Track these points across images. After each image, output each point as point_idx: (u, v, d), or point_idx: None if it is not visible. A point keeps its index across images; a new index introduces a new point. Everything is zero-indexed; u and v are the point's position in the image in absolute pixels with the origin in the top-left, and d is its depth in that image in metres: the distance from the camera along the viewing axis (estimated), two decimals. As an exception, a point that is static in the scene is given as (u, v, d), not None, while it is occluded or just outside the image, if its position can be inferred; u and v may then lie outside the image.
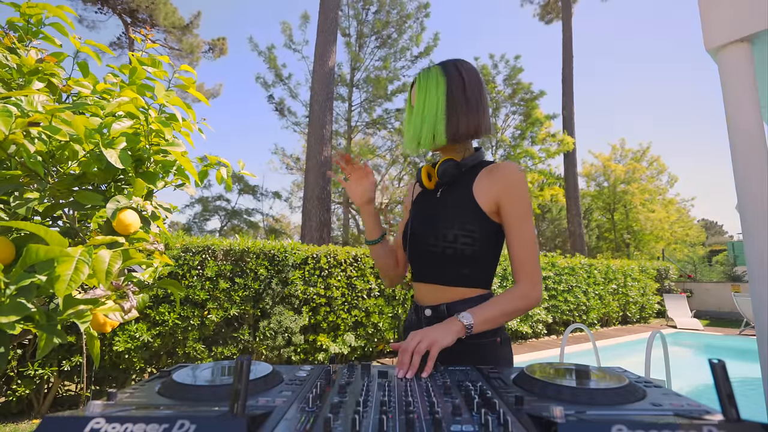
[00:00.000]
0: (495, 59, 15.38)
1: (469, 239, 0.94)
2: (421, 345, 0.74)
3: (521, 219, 0.94)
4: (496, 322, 0.88)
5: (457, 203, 0.99)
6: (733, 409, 0.38)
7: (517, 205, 0.94)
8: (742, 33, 1.19)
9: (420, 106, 1.00)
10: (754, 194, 1.13)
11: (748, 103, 1.17)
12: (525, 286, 0.91)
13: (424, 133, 0.98)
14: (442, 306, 0.98)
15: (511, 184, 0.95)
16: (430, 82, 0.99)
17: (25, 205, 0.90)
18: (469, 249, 0.94)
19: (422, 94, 1.00)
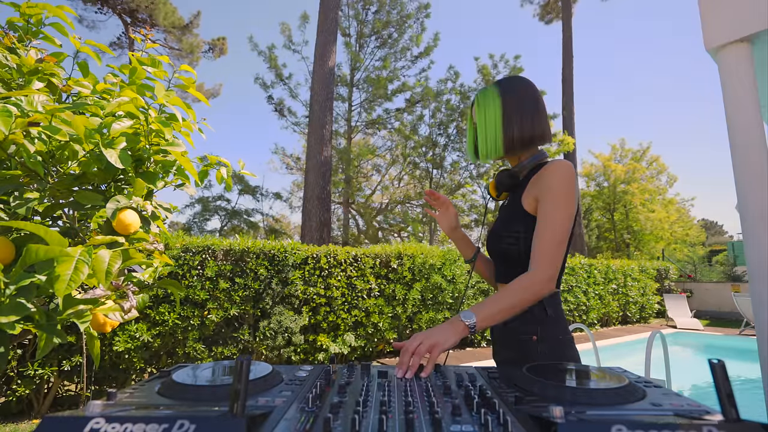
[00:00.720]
0: (495, 59, 15.37)
1: (513, 239, 1.02)
2: (422, 347, 0.74)
3: (552, 205, 0.95)
4: (501, 316, 0.87)
5: (509, 207, 1.10)
6: (733, 409, 0.38)
7: (546, 194, 0.96)
8: (742, 33, 1.19)
9: (481, 123, 1.10)
10: (754, 194, 1.13)
11: (748, 103, 1.17)
12: (533, 273, 0.91)
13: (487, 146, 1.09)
14: None
15: (545, 179, 0.98)
16: (487, 100, 1.09)
17: (25, 205, 0.90)
18: (514, 248, 1.02)
19: (481, 112, 1.10)
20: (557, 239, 0.92)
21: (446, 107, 14.52)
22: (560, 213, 0.94)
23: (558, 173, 0.96)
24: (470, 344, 6.03)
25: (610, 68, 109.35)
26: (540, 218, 0.96)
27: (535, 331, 0.98)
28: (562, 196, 0.94)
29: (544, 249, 0.92)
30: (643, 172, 18.69)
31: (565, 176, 0.96)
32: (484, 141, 1.09)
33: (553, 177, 0.97)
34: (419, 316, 5.26)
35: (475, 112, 1.12)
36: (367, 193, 16.24)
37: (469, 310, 0.86)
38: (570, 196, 0.95)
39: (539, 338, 0.97)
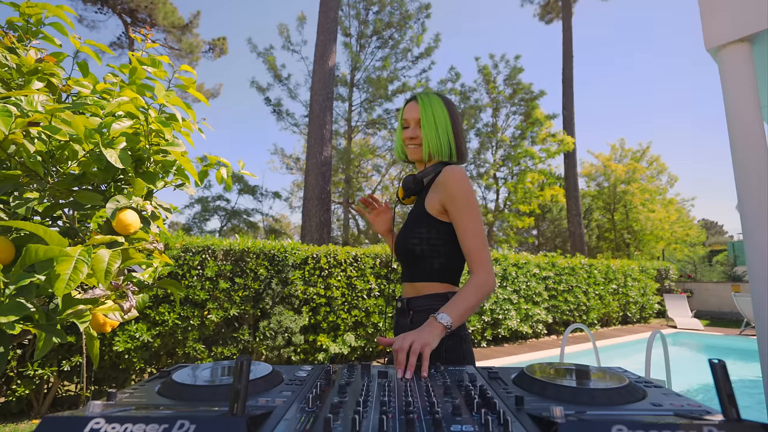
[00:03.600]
0: (495, 59, 15.38)
1: (417, 239, 1.10)
2: (416, 345, 0.78)
3: (463, 213, 1.04)
4: (466, 315, 0.96)
5: (415, 210, 1.17)
6: (734, 409, 0.38)
7: (455, 202, 1.05)
8: (742, 33, 1.19)
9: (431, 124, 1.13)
10: (754, 194, 1.13)
11: (748, 103, 1.17)
12: (480, 275, 1.00)
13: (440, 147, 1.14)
14: (405, 300, 1.15)
15: (448, 185, 1.06)
16: (435, 106, 1.15)
17: (25, 205, 0.90)
18: (418, 248, 1.10)
19: (429, 115, 1.14)
20: (483, 242, 1.04)
21: (446, 107, 14.47)
22: (474, 218, 1.05)
23: (456, 180, 1.06)
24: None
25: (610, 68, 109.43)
26: (460, 228, 1.05)
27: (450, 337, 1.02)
28: (467, 201, 1.05)
29: (478, 254, 1.02)
30: (643, 172, 18.68)
31: (462, 181, 1.06)
32: (437, 141, 1.13)
33: (453, 184, 1.06)
34: (419, 316, 5.25)
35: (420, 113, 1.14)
36: (367, 193, 16.23)
37: (442, 312, 0.93)
38: (472, 199, 1.05)
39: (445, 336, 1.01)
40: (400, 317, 1.17)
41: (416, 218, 1.13)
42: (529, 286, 6.71)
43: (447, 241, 1.09)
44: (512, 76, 15.15)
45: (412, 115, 1.17)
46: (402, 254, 1.16)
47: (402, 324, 1.14)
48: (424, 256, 1.10)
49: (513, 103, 15.39)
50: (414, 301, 1.12)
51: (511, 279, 6.49)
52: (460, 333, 1.07)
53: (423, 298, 1.11)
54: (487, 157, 15.56)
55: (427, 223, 1.10)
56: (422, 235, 1.10)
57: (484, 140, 15.24)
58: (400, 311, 1.18)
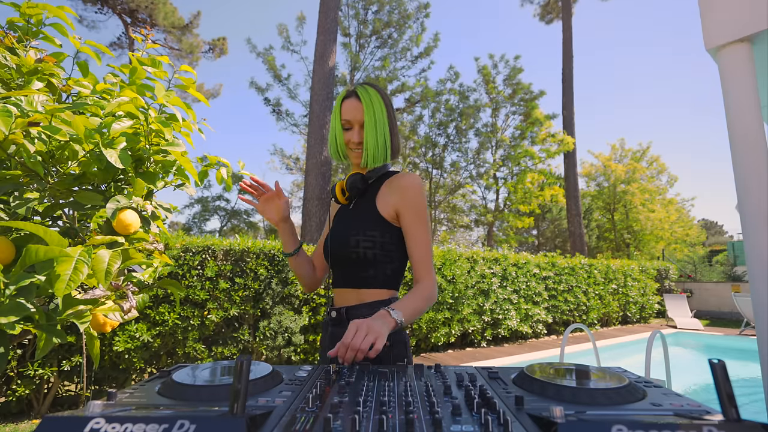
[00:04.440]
0: (495, 59, 15.39)
1: (370, 243, 1.03)
2: (368, 338, 0.78)
3: (416, 223, 1.03)
4: (414, 317, 0.95)
5: (363, 212, 1.09)
6: (733, 409, 0.38)
7: (411, 210, 1.03)
8: (742, 33, 1.19)
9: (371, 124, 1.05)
10: (754, 194, 1.13)
11: (748, 103, 1.17)
12: (426, 283, 1.00)
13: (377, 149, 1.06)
14: (342, 309, 1.06)
15: (405, 193, 1.04)
16: (374, 103, 1.06)
17: (25, 205, 0.90)
18: (370, 252, 1.03)
19: (371, 113, 1.05)
20: (431, 253, 1.04)
21: (446, 107, 14.51)
22: (427, 229, 1.05)
23: (415, 189, 1.04)
24: (470, 344, 6.03)
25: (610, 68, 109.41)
26: (412, 236, 1.03)
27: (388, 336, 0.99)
28: (422, 212, 1.04)
29: (427, 264, 1.02)
30: (643, 172, 18.69)
31: (421, 192, 1.05)
32: (375, 141, 1.05)
33: (411, 192, 1.04)
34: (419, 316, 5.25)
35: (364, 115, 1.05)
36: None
37: (394, 308, 0.91)
38: (426, 210, 1.05)
39: (391, 343, 0.99)
40: (335, 328, 1.06)
41: (367, 220, 1.06)
42: (529, 286, 6.71)
43: (398, 246, 1.06)
44: (512, 76, 15.16)
45: (356, 116, 1.06)
46: (345, 257, 1.05)
47: (338, 335, 1.04)
48: (376, 261, 1.03)
49: (513, 103, 15.40)
50: (354, 311, 1.04)
51: (511, 279, 6.48)
52: (404, 339, 1.03)
53: (364, 307, 1.03)
54: (486, 157, 15.57)
55: (382, 226, 1.04)
56: (376, 238, 1.03)
57: (483, 140, 15.25)
58: (335, 321, 1.07)
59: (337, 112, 1.09)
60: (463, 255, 6.01)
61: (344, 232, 1.07)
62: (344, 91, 1.11)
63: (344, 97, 1.09)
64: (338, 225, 1.13)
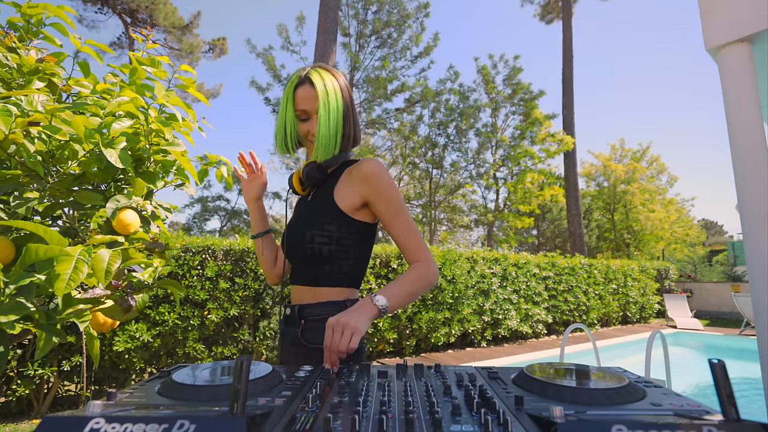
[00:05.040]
0: (494, 59, 15.39)
1: (326, 238, 0.96)
2: (345, 335, 0.75)
3: (395, 210, 0.96)
4: (405, 301, 0.90)
5: (319, 205, 1.01)
6: (733, 409, 0.38)
7: (386, 198, 0.96)
8: (742, 33, 1.19)
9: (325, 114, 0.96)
10: (754, 194, 1.13)
11: (748, 103, 1.17)
12: (422, 265, 0.94)
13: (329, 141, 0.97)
14: (296, 307, 1.01)
15: (373, 180, 0.96)
16: (328, 87, 0.98)
17: (25, 204, 0.90)
18: (326, 248, 0.96)
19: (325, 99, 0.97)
20: (421, 237, 0.97)
21: (445, 107, 14.51)
22: (407, 214, 0.98)
23: (379, 174, 0.96)
24: (470, 344, 6.03)
25: (610, 68, 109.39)
26: (395, 225, 0.96)
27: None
28: (394, 196, 0.97)
29: (418, 247, 0.95)
30: (643, 172, 18.68)
31: (387, 176, 0.97)
32: (327, 134, 0.96)
33: (376, 179, 0.96)
34: (419, 316, 5.26)
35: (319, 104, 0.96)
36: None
37: (378, 293, 0.86)
38: (397, 193, 0.98)
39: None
40: (289, 327, 1.01)
41: (323, 214, 0.98)
42: (529, 286, 6.71)
43: (357, 241, 0.99)
44: (512, 76, 15.15)
45: (313, 105, 0.98)
46: (301, 253, 0.98)
47: (290, 335, 1.00)
48: (332, 258, 0.96)
49: (512, 103, 15.40)
50: (308, 309, 0.98)
51: (511, 279, 6.48)
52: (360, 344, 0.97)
53: (319, 306, 0.97)
54: (486, 157, 15.56)
55: (339, 220, 0.96)
56: (332, 233, 0.96)
57: (483, 140, 15.24)
58: (288, 320, 1.03)
59: (290, 99, 0.99)
60: (463, 255, 6.01)
61: (300, 225, 1.00)
62: (295, 77, 1.00)
63: (296, 83, 0.99)
64: (295, 218, 1.06)
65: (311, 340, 0.95)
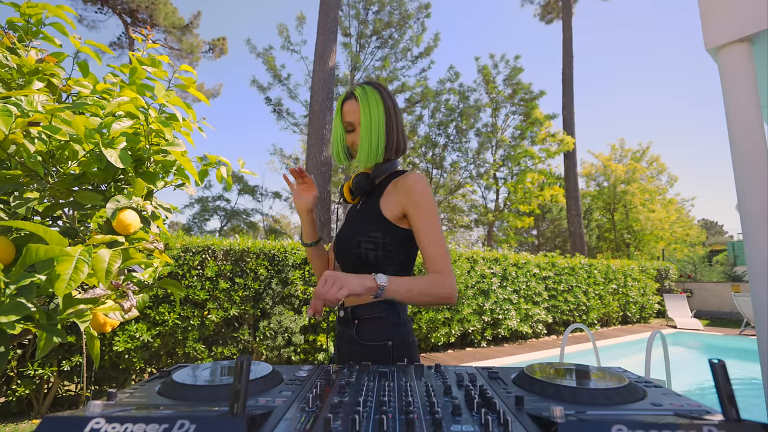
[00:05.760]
0: (495, 59, 15.39)
1: (372, 245, 1.03)
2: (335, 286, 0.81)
3: (426, 220, 1.00)
4: (407, 295, 0.91)
5: (367, 212, 1.09)
6: (733, 409, 0.38)
7: (417, 208, 1.00)
8: (742, 33, 1.19)
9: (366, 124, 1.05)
10: (754, 194, 1.13)
11: (748, 103, 1.17)
12: (439, 275, 0.96)
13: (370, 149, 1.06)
14: (348, 308, 1.07)
15: (409, 192, 1.02)
16: (371, 101, 1.06)
17: (25, 204, 0.90)
18: (372, 253, 1.02)
19: (366, 113, 1.05)
20: (447, 250, 0.99)
21: (445, 107, 14.51)
22: (438, 226, 1.01)
23: (418, 187, 1.02)
24: (470, 344, 6.03)
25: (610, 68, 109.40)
26: (425, 234, 1.00)
27: (390, 336, 1.01)
28: (430, 208, 1.01)
29: (443, 260, 0.97)
30: (643, 172, 18.68)
31: (426, 189, 1.02)
32: (368, 144, 1.05)
33: (414, 191, 1.01)
34: (419, 316, 5.26)
35: (361, 116, 1.06)
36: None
37: (385, 276, 0.89)
38: (434, 207, 1.02)
39: (394, 343, 1.00)
40: (344, 328, 1.08)
41: (370, 221, 1.06)
42: (529, 286, 6.71)
43: (401, 247, 1.05)
44: (512, 76, 15.15)
45: (356, 118, 1.08)
46: (349, 257, 1.07)
47: (347, 336, 1.06)
48: (378, 263, 1.03)
49: (513, 103, 15.40)
50: (360, 310, 1.04)
51: (511, 279, 6.48)
52: (409, 339, 1.03)
53: (369, 307, 1.03)
54: (486, 157, 15.56)
55: (384, 227, 1.03)
56: (378, 240, 1.03)
57: (483, 140, 15.24)
58: (342, 321, 1.09)
59: (338, 114, 1.11)
60: (463, 255, 6.01)
61: (349, 232, 1.09)
62: (344, 93, 1.12)
63: (344, 99, 1.11)
64: (345, 225, 1.15)
65: (365, 337, 1.02)
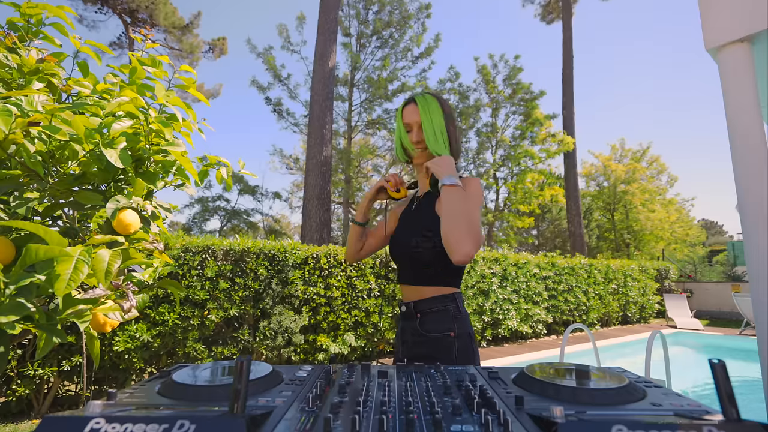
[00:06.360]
0: (495, 59, 15.38)
1: (430, 243, 1.11)
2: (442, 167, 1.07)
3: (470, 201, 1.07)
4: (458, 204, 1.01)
5: (422, 214, 1.20)
6: (734, 409, 0.38)
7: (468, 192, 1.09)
8: (742, 33, 1.19)
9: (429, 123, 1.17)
10: (754, 194, 1.13)
11: (748, 103, 1.17)
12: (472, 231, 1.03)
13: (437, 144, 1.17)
14: (410, 303, 1.16)
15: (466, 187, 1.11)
16: (431, 107, 1.18)
17: (25, 204, 0.90)
18: (427, 253, 1.11)
19: (427, 115, 1.17)
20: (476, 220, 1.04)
21: (446, 107, 14.44)
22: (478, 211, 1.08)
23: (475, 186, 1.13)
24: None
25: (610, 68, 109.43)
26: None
27: (452, 328, 1.09)
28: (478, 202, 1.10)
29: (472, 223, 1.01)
30: (643, 172, 18.67)
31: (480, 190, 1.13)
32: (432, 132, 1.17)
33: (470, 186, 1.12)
34: (419, 316, 5.25)
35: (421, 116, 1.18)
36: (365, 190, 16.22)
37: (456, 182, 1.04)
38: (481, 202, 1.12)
39: (456, 334, 1.08)
40: (408, 322, 1.17)
41: (425, 221, 1.15)
42: (529, 286, 6.71)
43: None
44: (512, 76, 15.14)
45: (414, 118, 1.19)
46: (405, 256, 1.17)
47: (410, 328, 1.14)
48: (434, 260, 1.11)
49: (513, 103, 15.38)
50: (421, 304, 1.13)
51: (511, 279, 6.48)
52: (468, 331, 1.10)
53: (431, 301, 1.12)
54: (486, 157, 15.55)
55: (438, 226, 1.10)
56: (432, 239, 1.11)
57: (483, 140, 15.23)
58: (406, 315, 1.18)
59: (399, 118, 1.24)
60: (463, 255, 6.00)
61: (405, 233, 1.20)
62: (405, 100, 1.26)
63: (404, 104, 1.24)
64: (400, 226, 1.27)
65: (428, 329, 1.10)
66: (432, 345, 1.08)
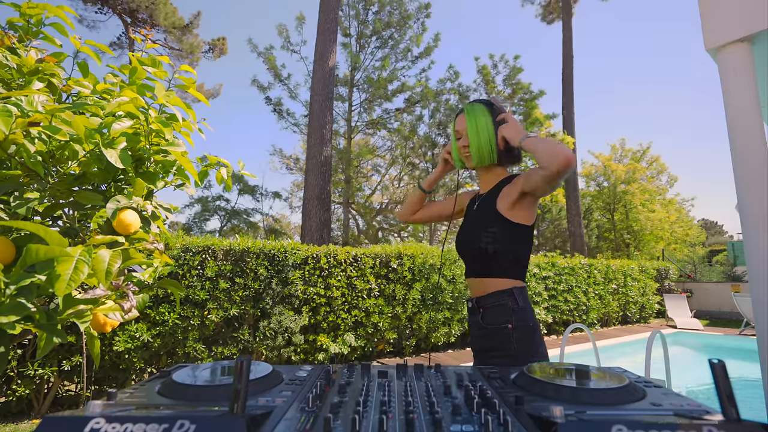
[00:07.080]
0: (495, 59, 15.37)
1: (491, 238, 1.18)
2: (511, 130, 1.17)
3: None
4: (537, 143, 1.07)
5: (484, 212, 1.26)
6: (733, 409, 0.38)
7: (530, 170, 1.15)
8: (742, 33, 1.19)
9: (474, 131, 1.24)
10: (754, 194, 1.13)
11: (748, 103, 1.17)
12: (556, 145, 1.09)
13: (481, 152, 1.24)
14: (474, 299, 1.24)
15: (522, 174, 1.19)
16: (477, 111, 1.25)
17: (25, 205, 0.90)
18: (491, 247, 1.17)
19: (473, 122, 1.25)
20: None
21: (445, 107, 14.50)
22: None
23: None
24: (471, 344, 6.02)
25: (610, 68, 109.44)
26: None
27: (510, 320, 1.13)
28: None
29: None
30: (643, 172, 18.66)
31: None
32: (476, 143, 1.24)
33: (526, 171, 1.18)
34: (419, 316, 5.26)
35: (466, 123, 1.26)
36: (367, 193, 16.22)
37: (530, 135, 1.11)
38: None
39: (513, 326, 1.12)
40: (473, 316, 1.25)
41: (487, 218, 1.22)
42: (529, 286, 6.71)
43: (516, 240, 1.18)
44: (512, 76, 15.13)
45: (462, 125, 1.28)
46: (471, 251, 1.24)
47: (475, 322, 1.23)
48: (497, 254, 1.17)
49: (513, 103, 15.38)
50: (482, 300, 1.20)
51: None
52: (529, 323, 1.14)
53: (491, 296, 1.18)
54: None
55: (500, 223, 1.18)
56: (495, 234, 1.17)
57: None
58: (471, 310, 1.26)
59: (453, 127, 1.33)
60: (463, 255, 6.01)
61: (469, 229, 1.28)
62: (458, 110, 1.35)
63: (456, 115, 1.32)
64: (465, 224, 1.33)
65: (489, 322, 1.17)
66: (492, 337, 1.15)
